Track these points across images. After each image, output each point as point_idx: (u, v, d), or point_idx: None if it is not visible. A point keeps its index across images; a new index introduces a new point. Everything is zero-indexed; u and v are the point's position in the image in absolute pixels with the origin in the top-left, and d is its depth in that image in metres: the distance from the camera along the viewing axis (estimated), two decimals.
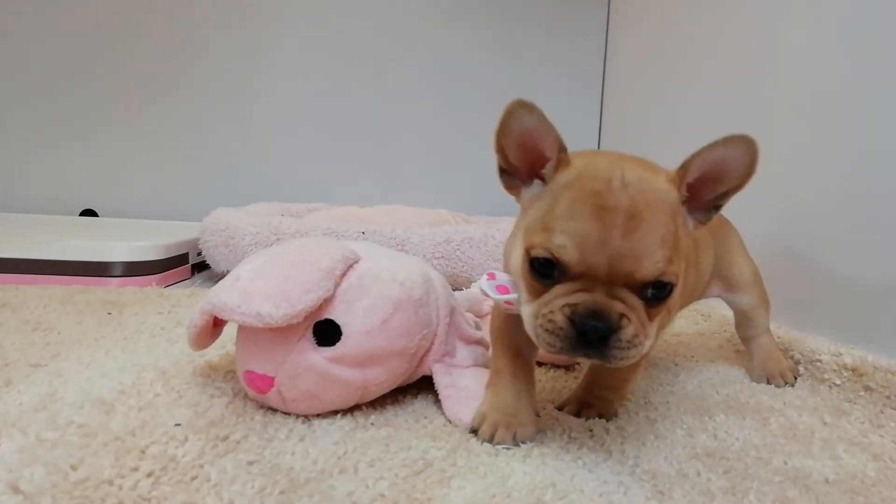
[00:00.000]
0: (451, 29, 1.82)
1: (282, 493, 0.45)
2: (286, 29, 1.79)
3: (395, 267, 0.61)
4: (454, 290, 1.19)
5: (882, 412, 0.65)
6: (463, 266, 1.22)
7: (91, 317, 0.90)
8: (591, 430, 0.58)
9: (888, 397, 0.66)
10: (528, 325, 0.51)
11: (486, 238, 1.24)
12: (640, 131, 1.54)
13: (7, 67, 1.75)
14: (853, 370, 0.71)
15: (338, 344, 0.55)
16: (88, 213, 1.75)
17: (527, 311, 0.51)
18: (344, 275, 0.57)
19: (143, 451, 0.47)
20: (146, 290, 1.11)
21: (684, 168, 0.51)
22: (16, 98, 1.76)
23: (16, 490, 0.40)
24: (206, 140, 1.80)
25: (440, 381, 0.61)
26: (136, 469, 0.45)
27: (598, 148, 1.86)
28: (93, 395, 0.55)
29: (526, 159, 0.55)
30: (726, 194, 0.53)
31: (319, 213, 1.46)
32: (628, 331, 0.48)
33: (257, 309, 0.51)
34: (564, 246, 0.48)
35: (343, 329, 0.55)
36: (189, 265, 1.31)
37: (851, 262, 0.78)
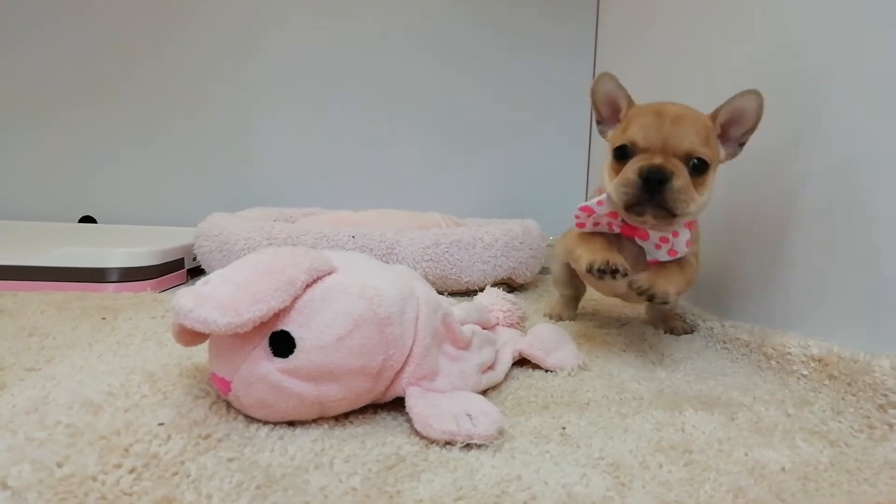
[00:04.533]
0: (449, 37, 1.85)
1: (258, 488, 0.47)
2: (282, 35, 1.82)
3: (367, 282, 0.59)
4: (448, 293, 1.23)
5: (843, 399, 0.67)
6: (452, 268, 1.24)
7: (86, 322, 0.93)
8: (563, 428, 0.60)
9: (849, 384, 0.68)
10: (612, 192, 0.76)
11: (475, 241, 1.26)
12: None
13: (6, 75, 1.78)
14: (819, 360, 0.73)
15: (290, 356, 0.55)
16: (87, 219, 1.78)
17: (610, 186, 0.77)
18: (309, 286, 0.57)
19: (126, 449, 0.49)
20: (141, 295, 1.13)
21: (716, 112, 0.78)
22: (15, 107, 1.79)
23: (4, 486, 0.43)
24: (204, 145, 1.83)
25: (412, 404, 0.59)
26: (119, 466, 0.47)
27: (589, 146, 1.88)
28: (81, 397, 0.57)
29: (610, 111, 0.83)
30: (746, 133, 0.79)
31: (312, 217, 1.49)
32: (678, 181, 0.71)
33: (205, 315, 0.51)
34: (636, 132, 0.75)
35: (297, 342, 0.55)
36: (185, 270, 1.33)
37: (833, 260, 0.80)
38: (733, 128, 0.78)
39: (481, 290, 0.96)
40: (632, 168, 0.73)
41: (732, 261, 1.00)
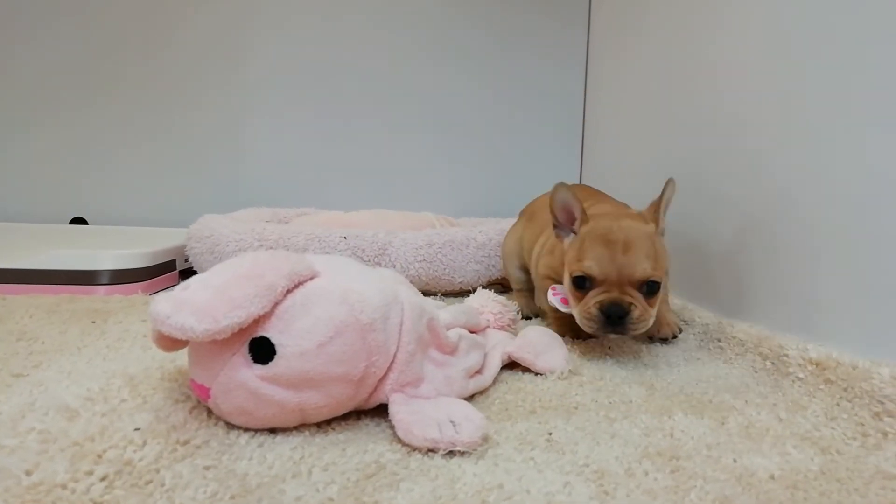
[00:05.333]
0: (442, 37, 1.84)
1: (232, 499, 0.46)
2: (274, 36, 1.81)
3: (350, 287, 0.58)
4: (442, 294, 1.22)
5: (838, 404, 0.66)
6: (445, 269, 1.23)
7: (75, 326, 0.92)
8: (549, 434, 0.59)
9: (845, 389, 0.67)
10: (577, 318, 0.82)
11: (468, 241, 1.25)
12: (620, 162, 1.55)
13: None
14: (817, 364, 0.72)
15: (270, 363, 0.54)
16: (78, 220, 1.77)
17: (575, 312, 0.82)
18: (289, 292, 0.55)
19: (99, 456, 0.48)
20: (131, 297, 1.12)
21: (655, 209, 0.85)
22: (4, 107, 1.78)
23: None
24: (197, 145, 1.82)
25: (395, 411, 0.58)
26: (90, 473, 0.46)
27: (581, 146, 1.87)
28: (58, 402, 0.56)
29: (566, 218, 0.88)
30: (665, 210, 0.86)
31: (305, 218, 1.48)
32: (635, 313, 0.77)
33: (182, 322, 0.50)
34: (591, 266, 0.79)
35: (277, 349, 0.53)
36: (176, 272, 1.32)
37: (820, 263, 0.79)
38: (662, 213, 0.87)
39: (475, 290, 0.95)
40: (592, 302, 0.79)
41: (734, 263, 0.98)
